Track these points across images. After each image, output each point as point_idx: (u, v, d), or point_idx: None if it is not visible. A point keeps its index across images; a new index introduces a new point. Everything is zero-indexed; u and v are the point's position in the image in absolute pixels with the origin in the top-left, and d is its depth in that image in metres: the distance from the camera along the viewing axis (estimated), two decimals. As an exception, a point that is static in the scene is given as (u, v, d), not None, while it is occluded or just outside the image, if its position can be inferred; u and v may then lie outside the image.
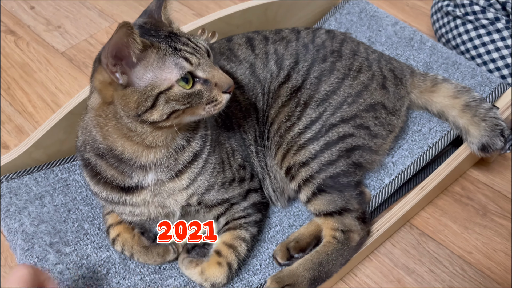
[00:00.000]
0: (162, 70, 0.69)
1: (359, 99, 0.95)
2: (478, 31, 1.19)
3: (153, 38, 0.71)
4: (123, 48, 0.67)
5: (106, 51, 0.66)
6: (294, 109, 0.94)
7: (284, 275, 0.86)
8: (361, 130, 0.94)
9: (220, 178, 0.87)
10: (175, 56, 0.70)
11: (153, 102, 0.70)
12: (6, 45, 1.58)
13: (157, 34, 0.73)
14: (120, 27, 0.64)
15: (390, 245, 1.03)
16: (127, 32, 0.64)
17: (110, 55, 0.67)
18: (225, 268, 0.84)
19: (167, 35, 0.73)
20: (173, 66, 0.70)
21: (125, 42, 0.66)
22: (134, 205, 0.83)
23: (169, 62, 0.70)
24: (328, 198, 0.89)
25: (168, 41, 0.71)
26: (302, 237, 0.93)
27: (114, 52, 0.66)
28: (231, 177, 0.89)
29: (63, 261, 0.88)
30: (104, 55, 0.67)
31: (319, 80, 0.95)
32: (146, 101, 0.70)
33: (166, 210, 0.85)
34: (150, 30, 0.73)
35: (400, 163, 1.03)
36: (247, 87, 0.96)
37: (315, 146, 0.91)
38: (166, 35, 0.73)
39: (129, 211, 0.84)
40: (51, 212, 0.96)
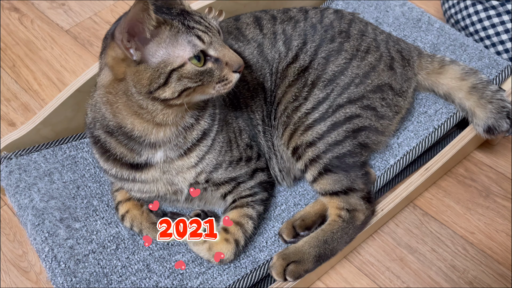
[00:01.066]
0: (175, 47, 0.70)
1: (366, 80, 0.95)
2: (488, 12, 1.18)
3: (165, 15, 0.71)
4: (138, 24, 0.67)
5: (122, 26, 0.66)
6: (302, 89, 0.94)
7: (290, 252, 0.87)
8: (368, 111, 0.94)
9: (228, 156, 0.88)
10: (188, 34, 0.70)
11: (165, 79, 0.70)
12: (10, 22, 1.57)
13: (170, 11, 0.73)
14: (137, 3, 0.64)
15: (393, 224, 1.04)
16: (143, 7, 0.65)
17: (125, 30, 0.67)
18: (232, 244, 0.86)
19: (179, 12, 0.73)
20: (186, 44, 0.70)
21: (141, 18, 0.66)
22: (143, 182, 0.84)
23: (182, 39, 0.70)
24: (334, 177, 0.90)
25: (181, 19, 0.71)
26: (308, 215, 0.94)
27: (129, 27, 0.67)
28: (238, 156, 0.90)
29: (73, 236, 0.89)
30: (119, 30, 0.67)
31: (326, 60, 0.95)
32: (159, 78, 0.70)
33: (174, 187, 0.86)
34: (162, 7, 0.73)
35: (405, 144, 1.04)
36: (255, 66, 0.96)
37: (322, 126, 0.91)
38: (178, 13, 0.73)
39: (138, 188, 0.86)
40: (60, 188, 0.97)
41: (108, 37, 0.75)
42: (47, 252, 0.86)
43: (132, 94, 0.73)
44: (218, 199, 0.94)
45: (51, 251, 0.86)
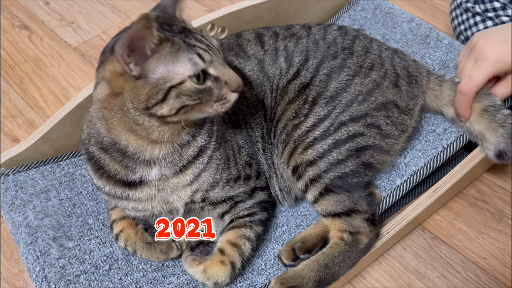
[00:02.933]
0: (175, 64, 0.69)
1: (370, 97, 0.92)
2: (497, 29, 1.15)
3: (167, 32, 0.70)
4: (139, 40, 0.66)
5: (123, 41, 0.66)
6: (302, 106, 0.91)
7: (288, 276, 0.83)
8: (372, 129, 0.91)
9: (225, 175, 0.86)
10: (189, 52, 0.70)
11: (163, 96, 0.69)
12: (20, 40, 1.60)
13: (171, 28, 0.72)
14: (140, 19, 0.63)
15: (400, 248, 0.99)
16: (146, 24, 0.64)
17: (125, 45, 0.66)
18: (228, 267, 0.83)
19: (181, 30, 0.72)
20: (186, 62, 0.69)
21: (143, 34, 0.65)
22: (137, 200, 0.82)
23: (183, 57, 0.69)
24: (336, 198, 0.87)
25: (182, 36, 0.71)
26: (308, 237, 0.90)
27: (130, 42, 0.66)
28: (236, 174, 0.87)
29: (66, 255, 0.87)
30: (119, 45, 0.66)
31: (328, 77, 0.92)
32: (157, 94, 0.69)
33: (169, 206, 0.84)
34: (164, 24, 0.72)
35: (412, 164, 1.00)
36: (255, 83, 0.94)
37: (323, 145, 0.88)
38: (180, 30, 0.72)
39: (132, 206, 0.83)
40: (56, 206, 0.95)
41: (106, 52, 0.75)
42: (37, 272, 0.84)
43: (128, 110, 0.72)
44: (215, 219, 0.92)
45: (42, 271, 0.84)
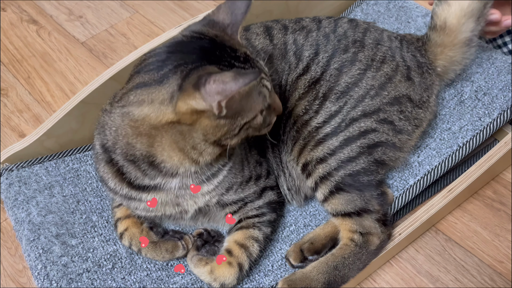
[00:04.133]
0: (252, 101, 0.69)
1: (382, 91, 0.88)
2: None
3: (233, 60, 0.68)
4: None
5: (228, 91, 0.61)
6: (312, 102, 0.88)
7: (296, 278, 0.81)
8: (385, 125, 0.88)
9: (239, 177, 0.84)
10: (258, 85, 0.69)
11: (239, 131, 0.69)
12: (28, 35, 1.58)
13: (236, 55, 0.69)
14: (253, 77, 0.61)
15: (413, 250, 0.96)
16: (255, 82, 0.66)
17: (230, 95, 0.62)
18: (235, 268, 0.80)
19: (245, 58, 0.70)
20: (258, 96, 0.69)
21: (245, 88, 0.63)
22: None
23: (255, 92, 0.69)
24: (347, 197, 0.84)
25: (249, 67, 0.69)
26: (317, 238, 0.88)
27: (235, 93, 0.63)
28: (248, 175, 0.85)
29: (68, 253, 0.85)
30: (221, 91, 0.61)
31: (339, 71, 0.89)
32: (234, 130, 0.69)
33: (181, 208, 0.82)
34: (226, 47, 0.69)
35: (426, 163, 0.97)
36: None
37: (334, 141, 0.85)
38: (244, 59, 0.69)
39: (144, 207, 0.81)
40: (60, 202, 0.93)
41: (188, 83, 0.64)
42: (39, 270, 0.82)
43: (193, 138, 0.68)
44: (222, 219, 0.89)
45: (44, 269, 0.82)
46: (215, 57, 0.67)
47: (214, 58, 0.67)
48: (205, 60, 0.66)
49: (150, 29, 1.56)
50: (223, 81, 0.61)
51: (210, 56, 0.67)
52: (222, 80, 0.61)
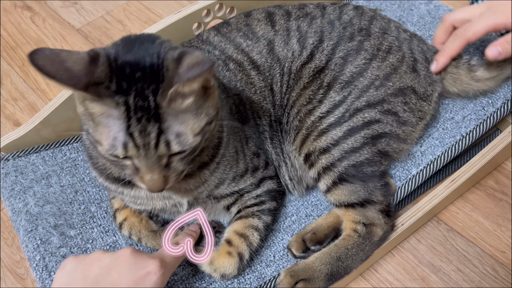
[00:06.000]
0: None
1: (387, 82, 0.87)
2: (522, 10, 1.09)
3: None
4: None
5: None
6: (316, 91, 0.87)
7: (299, 268, 0.80)
8: (389, 116, 0.86)
9: (232, 172, 0.82)
10: None
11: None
12: (22, 21, 1.55)
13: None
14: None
15: (415, 240, 0.95)
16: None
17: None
18: (235, 258, 0.79)
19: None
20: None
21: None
22: (135, 197, 0.79)
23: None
24: (350, 188, 0.83)
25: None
26: (319, 228, 0.87)
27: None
28: (243, 168, 0.83)
29: (67, 244, 0.84)
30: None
31: (344, 60, 0.88)
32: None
33: (172, 201, 0.80)
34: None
35: (429, 152, 0.96)
36: (263, 67, 0.89)
37: (338, 131, 0.84)
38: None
39: (131, 200, 0.80)
40: (57, 192, 0.92)
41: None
42: (38, 261, 0.81)
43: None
44: (221, 210, 0.88)
45: (42, 260, 0.81)
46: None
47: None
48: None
49: (147, 15, 1.53)
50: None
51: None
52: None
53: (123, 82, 0.59)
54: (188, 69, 0.58)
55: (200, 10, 1.09)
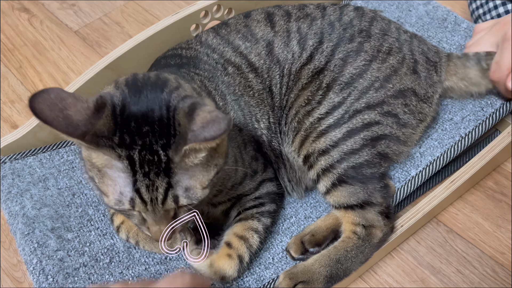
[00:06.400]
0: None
1: (387, 84, 0.87)
2: (520, 11, 1.09)
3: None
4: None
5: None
6: (315, 92, 0.86)
7: (298, 270, 0.79)
8: (389, 118, 0.86)
9: (231, 182, 0.81)
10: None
11: None
12: (20, 23, 1.54)
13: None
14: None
15: (414, 242, 0.95)
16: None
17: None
18: (235, 260, 0.79)
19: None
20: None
21: None
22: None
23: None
24: (350, 190, 0.82)
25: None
26: (318, 230, 0.86)
27: None
28: (242, 175, 0.83)
29: (64, 247, 0.83)
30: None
31: (344, 61, 0.87)
32: None
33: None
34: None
35: (428, 153, 0.95)
36: (261, 69, 0.89)
37: (337, 133, 0.83)
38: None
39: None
40: (55, 195, 0.91)
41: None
42: (35, 264, 0.80)
43: None
44: (220, 215, 0.88)
45: (39, 263, 0.80)
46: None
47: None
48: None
49: (145, 17, 1.53)
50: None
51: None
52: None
53: (127, 136, 0.58)
54: (202, 127, 0.56)
55: (198, 11, 1.08)
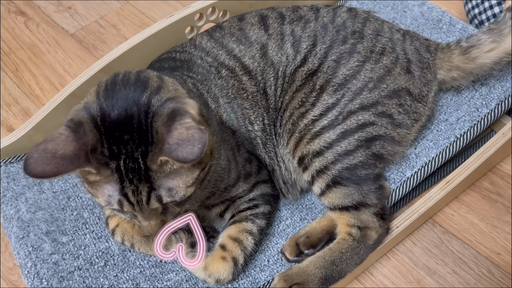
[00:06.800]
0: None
1: (381, 84, 0.86)
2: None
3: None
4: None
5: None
6: (309, 94, 0.86)
7: (293, 272, 0.79)
8: (383, 118, 0.86)
9: (224, 184, 0.81)
10: None
11: None
12: (16, 26, 1.54)
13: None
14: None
15: (410, 243, 0.95)
16: None
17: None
18: (230, 263, 0.79)
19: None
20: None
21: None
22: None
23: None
24: (344, 191, 0.82)
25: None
26: (313, 232, 0.86)
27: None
28: (236, 177, 0.83)
29: (59, 251, 0.83)
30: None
31: (337, 63, 0.87)
32: None
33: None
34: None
35: (423, 154, 0.95)
36: (255, 71, 0.89)
37: (331, 134, 0.83)
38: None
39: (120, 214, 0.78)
40: (50, 199, 0.91)
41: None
42: (29, 268, 0.80)
43: None
44: (215, 217, 0.88)
45: (34, 267, 0.80)
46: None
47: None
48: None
49: (141, 20, 1.53)
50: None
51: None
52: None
53: (114, 146, 0.60)
54: (177, 144, 0.57)
55: (193, 14, 1.08)
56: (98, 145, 0.60)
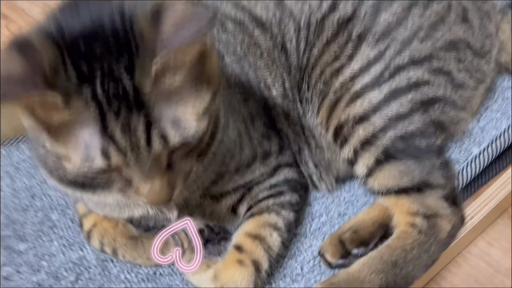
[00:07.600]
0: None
1: (434, 33, 0.70)
2: None
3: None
4: None
5: None
6: (344, 45, 0.69)
7: (340, 280, 0.61)
8: (440, 76, 0.70)
9: (235, 162, 0.65)
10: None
11: None
12: (-5, 30, 1.42)
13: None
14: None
15: (484, 243, 0.75)
16: None
17: None
18: (249, 268, 0.61)
19: None
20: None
21: None
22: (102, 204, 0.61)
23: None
24: (400, 167, 0.65)
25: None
26: (362, 225, 0.68)
27: None
28: (250, 156, 0.67)
29: (13, 261, 0.67)
30: None
31: (376, 8, 0.71)
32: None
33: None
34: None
35: (491, 127, 0.78)
36: (269, 23, 0.74)
37: (377, 94, 0.66)
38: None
39: (98, 208, 0.63)
40: (8, 197, 0.75)
41: None
42: (-31, 286, 0.60)
43: None
44: (226, 214, 0.70)
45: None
46: None
47: None
48: None
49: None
50: None
51: None
52: None
53: (82, 64, 0.44)
54: (175, 31, 0.44)
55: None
56: (59, 64, 0.43)
